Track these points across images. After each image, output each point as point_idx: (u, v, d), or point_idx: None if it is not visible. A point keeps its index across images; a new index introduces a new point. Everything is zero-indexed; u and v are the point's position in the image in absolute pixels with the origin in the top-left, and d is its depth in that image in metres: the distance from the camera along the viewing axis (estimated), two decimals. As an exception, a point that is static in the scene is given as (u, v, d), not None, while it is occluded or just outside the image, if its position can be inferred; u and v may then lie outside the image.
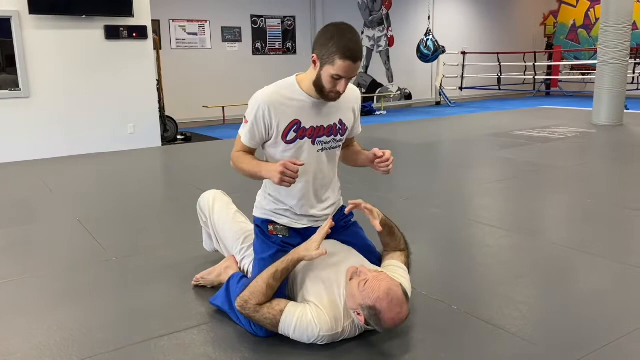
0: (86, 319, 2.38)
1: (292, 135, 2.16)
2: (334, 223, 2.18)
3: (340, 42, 1.97)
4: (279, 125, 2.14)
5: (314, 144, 2.20)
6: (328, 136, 2.22)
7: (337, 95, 2.09)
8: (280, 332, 2.05)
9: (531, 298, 2.51)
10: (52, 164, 6.27)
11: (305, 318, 1.99)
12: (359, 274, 1.98)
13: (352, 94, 2.29)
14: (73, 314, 2.43)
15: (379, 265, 2.30)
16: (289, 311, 2.01)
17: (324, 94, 2.09)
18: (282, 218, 2.30)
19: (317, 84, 2.08)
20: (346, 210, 2.29)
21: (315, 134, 2.19)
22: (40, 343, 2.17)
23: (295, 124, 2.15)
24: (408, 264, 2.35)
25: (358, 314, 1.96)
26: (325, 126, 2.20)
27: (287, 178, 2.00)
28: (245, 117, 2.19)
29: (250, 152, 2.23)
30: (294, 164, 2.01)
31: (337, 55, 1.97)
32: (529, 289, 2.61)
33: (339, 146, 2.31)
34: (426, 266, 2.90)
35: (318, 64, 2.05)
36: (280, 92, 2.15)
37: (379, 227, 2.19)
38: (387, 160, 2.19)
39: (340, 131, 2.26)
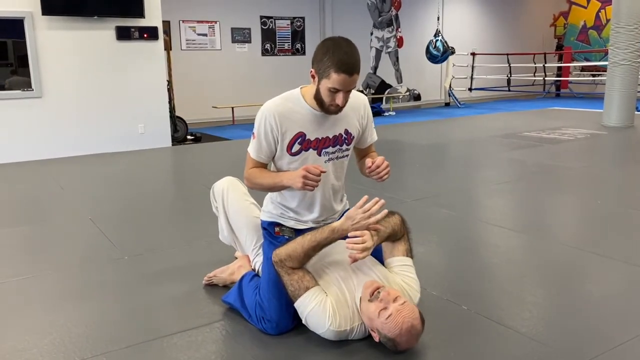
0: (99, 316, 2.41)
1: (296, 147, 2.19)
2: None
3: (335, 56, 2.01)
4: (284, 136, 2.17)
5: (319, 155, 2.23)
6: (334, 146, 2.25)
7: (337, 108, 2.12)
8: (295, 306, 2.07)
9: (541, 298, 2.51)
10: (63, 163, 6.33)
11: (324, 307, 2.00)
12: (380, 300, 1.94)
13: (358, 101, 2.30)
14: (86, 311, 2.47)
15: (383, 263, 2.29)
16: (312, 293, 2.02)
17: (325, 107, 2.13)
18: (289, 221, 2.34)
19: (317, 98, 2.12)
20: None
21: (320, 145, 2.22)
22: (55, 340, 2.20)
23: (300, 136, 2.18)
24: (410, 249, 2.27)
25: (373, 332, 1.99)
26: (331, 137, 2.23)
27: (310, 182, 2.04)
28: (253, 133, 2.22)
29: (262, 167, 2.24)
30: (317, 168, 2.04)
31: (332, 69, 2.01)
32: (539, 290, 2.61)
33: (346, 156, 2.33)
34: (436, 266, 2.92)
35: (316, 78, 2.09)
36: (286, 103, 2.18)
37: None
38: (378, 167, 2.15)
39: (346, 141, 2.28)
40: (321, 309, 2.01)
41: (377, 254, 2.27)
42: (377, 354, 2.03)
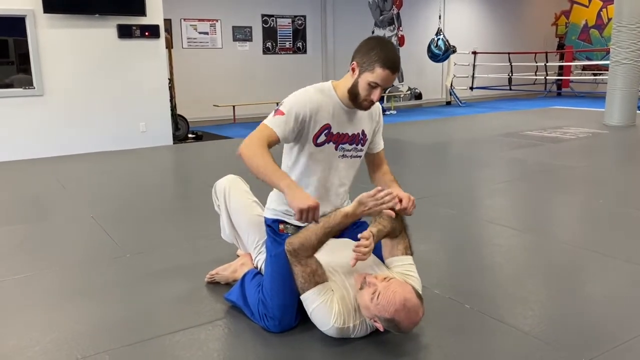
0: (102, 314, 2.41)
1: (322, 138, 2.22)
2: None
3: (382, 52, 2.07)
4: (315, 126, 2.18)
5: (336, 149, 2.26)
6: (350, 144, 2.28)
7: (370, 104, 2.16)
8: (301, 298, 2.07)
9: (543, 297, 2.51)
10: (65, 161, 6.33)
11: (330, 304, 2.01)
12: (368, 285, 1.97)
13: (375, 107, 2.36)
14: (88, 309, 2.47)
15: (383, 261, 2.28)
16: (320, 289, 2.02)
17: (358, 101, 2.15)
18: (293, 218, 2.32)
19: (353, 91, 2.14)
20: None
21: (339, 140, 2.25)
22: (58, 337, 2.20)
23: (327, 128, 2.21)
24: (409, 246, 2.24)
25: (375, 322, 1.99)
26: (350, 134, 2.26)
27: (305, 217, 1.94)
28: (279, 109, 2.14)
29: (273, 144, 2.13)
30: (317, 216, 1.96)
31: (378, 64, 2.06)
32: (541, 289, 2.61)
33: (360, 156, 2.36)
34: (438, 265, 2.92)
35: (357, 71, 2.12)
36: (321, 95, 2.21)
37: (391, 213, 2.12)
38: (406, 209, 2.14)
39: (362, 141, 2.32)
40: (327, 306, 2.01)
41: (377, 252, 2.26)
42: (380, 352, 2.03)
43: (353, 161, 2.33)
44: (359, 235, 2.03)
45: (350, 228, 2.33)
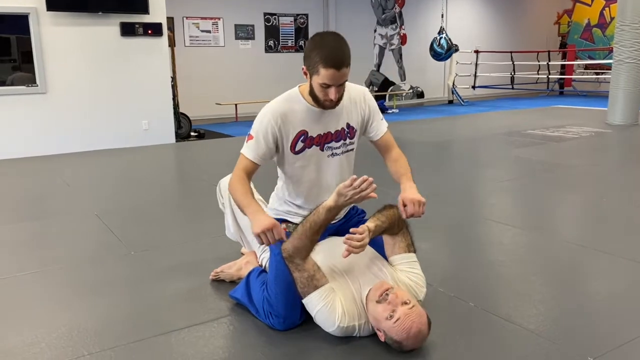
0: (107, 311, 2.42)
1: (300, 145, 2.19)
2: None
3: (321, 51, 2.00)
4: (288, 137, 2.17)
5: (322, 150, 2.23)
6: (337, 141, 2.25)
7: (332, 103, 2.11)
8: (303, 302, 2.08)
9: (548, 296, 2.51)
10: (68, 159, 6.34)
11: (332, 307, 2.01)
12: (388, 302, 1.95)
13: (357, 93, 2.29)
14: (94, 306, 2.47)
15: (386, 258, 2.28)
16: (321, 293, 2.03)
17: (320, 103, 2.13)
18: (295, 217, 2.34)
19: (312, 94, 2.13)
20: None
21: (322, 141, 2.22)
22: (63, 334, 2.21)
23: (303, 134, 2.18)
24: (411, 243, 2.24)
25: (379, 331, 2.00)
26: (333, 132, 2.23)
27: (263, 237, 1.97)
28: (249, 134, 2.18)
29: (253, 170, 2.19)
30: (280, 235, 1.98)
31: (321, 65, 2.00)
32: (546, 287, 2.61)
33: (352, 150, 2.33)
34: (442, 264, 2.92)
35: (308, 75, 2.10)
36: (286, 104, 2.18)
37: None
38: (413, 215, 2.13)
39: (349, 135, 2.28)
40: (329, 309, 2.02)
41: (380, 250, 2.27)
42: (384, 351, 2.03)
43: (346, 156, 2.31)
44: (352, 230, 2.00)
45: (351, 226, 2.33)
